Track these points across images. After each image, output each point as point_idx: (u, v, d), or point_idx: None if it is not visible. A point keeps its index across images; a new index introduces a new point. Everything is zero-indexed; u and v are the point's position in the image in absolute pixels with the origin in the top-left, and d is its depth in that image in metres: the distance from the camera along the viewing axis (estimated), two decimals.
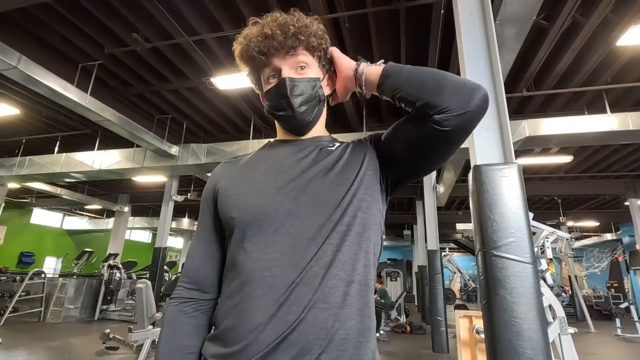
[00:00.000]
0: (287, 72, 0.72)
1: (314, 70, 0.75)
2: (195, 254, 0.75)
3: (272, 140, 0.85)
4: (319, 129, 0.79)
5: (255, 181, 0.72)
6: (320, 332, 0.58)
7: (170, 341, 0.69)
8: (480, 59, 1.99)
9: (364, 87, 0.73)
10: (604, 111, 5.40)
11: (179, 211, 14.72)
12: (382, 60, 0.73)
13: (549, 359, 1.46)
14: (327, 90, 0.79)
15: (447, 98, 0.63)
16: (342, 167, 0.71)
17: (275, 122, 0.80)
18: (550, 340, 3.15)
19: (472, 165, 1.88)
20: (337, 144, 0.77)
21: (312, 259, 0.62)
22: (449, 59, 4.66)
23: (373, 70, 0.71)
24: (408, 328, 7.68)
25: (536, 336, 1.48)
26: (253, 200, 0.68)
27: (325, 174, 0.70)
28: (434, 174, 5.51)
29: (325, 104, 0.80)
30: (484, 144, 1.86)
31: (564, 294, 4.48)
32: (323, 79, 0.77)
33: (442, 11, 3.71)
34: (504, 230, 1.63)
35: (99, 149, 7.64)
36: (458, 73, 3.96)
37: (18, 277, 7.45)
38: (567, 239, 6.17)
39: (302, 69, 0.73)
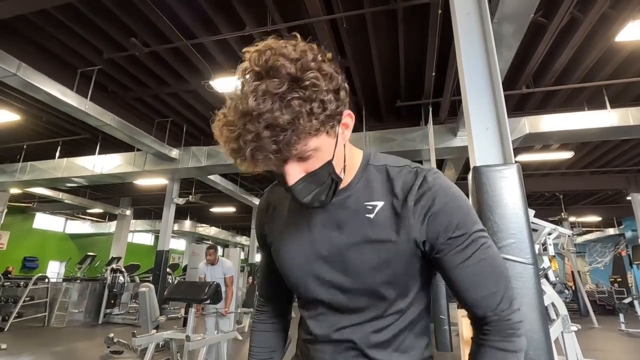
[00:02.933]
0: (293, 174, 0.57)
1: (323, 147, 0.57)
2: (262, 277, 0.89)
3: None
4: (346, 177, 0.66)
5: (297, 242, 0.70)
6: None
7: (258, 342, 0.87)
8: (478, 59, 1.99)
9: None
10: (604, 107, 5.39)
11: (181, 213, 14.74)
12: None
13: (551, 359, 1.46)
14: (340, 144, 0.61)
15: None
16: (382, 236, 0.63)
17: None
18: (553, 339, 3.15)
19: (471, 167, 1.88)
20: (378, 205, 0.65)
21: (350, 326, 0.66)
22: (447, 58, 4.66)
23: None
24: None
25: (538, 337, 1.48)
26: (296, 263, 0.70)
27: (364, 241, 0.64)
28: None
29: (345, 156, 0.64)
30: (483, 145, 1.86)
31: (566, 291, 4.48)
32: (336, 147, 0.59)
33: (440, 11, 3.71)
34: (504, 231, 1.64)
35: (99, 153, 7.66)
36: (457, 72, 3.91)
37: (22, 282, 7.47)
38: (569, 235, 6.16)
39: (308, 160, 0.57)
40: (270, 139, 0.50)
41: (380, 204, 0.64)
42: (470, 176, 1.87)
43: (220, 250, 6.40)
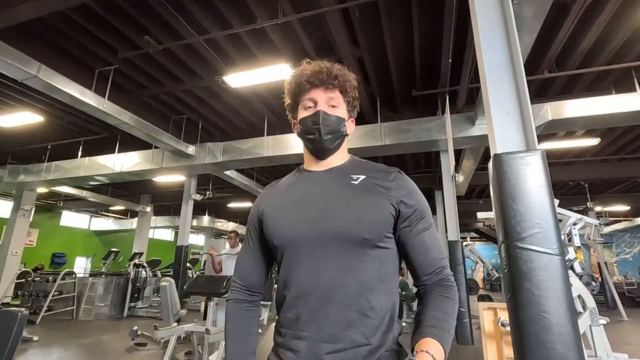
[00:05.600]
0: (322, 105, 0.90)
1: (342, 110, 0.93)
2: (243, 262, 0.99)
3: (302, 167, 0.99)
4: (340, 157, 0.95)
5: (288, 211, 0.89)
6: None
7: (236, 326, 0.93)
8: (497, 40, 1.90)
9: None
10: (632, 89, 5.12)
11: (199, 209, 15.00)
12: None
13: (580, 353, 1.39)
14: (349, 130, 0.96)
15: None
16: (361, 201, 0.84)
17: (304, 148, 0.97)
18: (581, 332, 3.03)
19: (492, 154, 1.80)
20: (360, 177, 0.89)
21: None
22: (464, 44, 4.50)
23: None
24: None
25: (566, 330, 1.41)
26: (287, 229, 0.86)
27: (346, 207, 0.84)
28: (452, 163, 5.36)
29: (346, 138, 0.97)
30: (504, 131, 1.78)
31: (593, 283, 4.32)
32: (347, 120, 0.95)
33: None
34: (528, 221, 1.56)
35: (119, 151, 7.84)
36: (474, 58, 3.77)
37: (51, 278, 7.78)
38: (595, 225, 5.91)
39: (333, 107, 0.91)
40: (337, 70, 0.91)
41: (362, 177, 0.89)
42: (490, 164, 1.79)
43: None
